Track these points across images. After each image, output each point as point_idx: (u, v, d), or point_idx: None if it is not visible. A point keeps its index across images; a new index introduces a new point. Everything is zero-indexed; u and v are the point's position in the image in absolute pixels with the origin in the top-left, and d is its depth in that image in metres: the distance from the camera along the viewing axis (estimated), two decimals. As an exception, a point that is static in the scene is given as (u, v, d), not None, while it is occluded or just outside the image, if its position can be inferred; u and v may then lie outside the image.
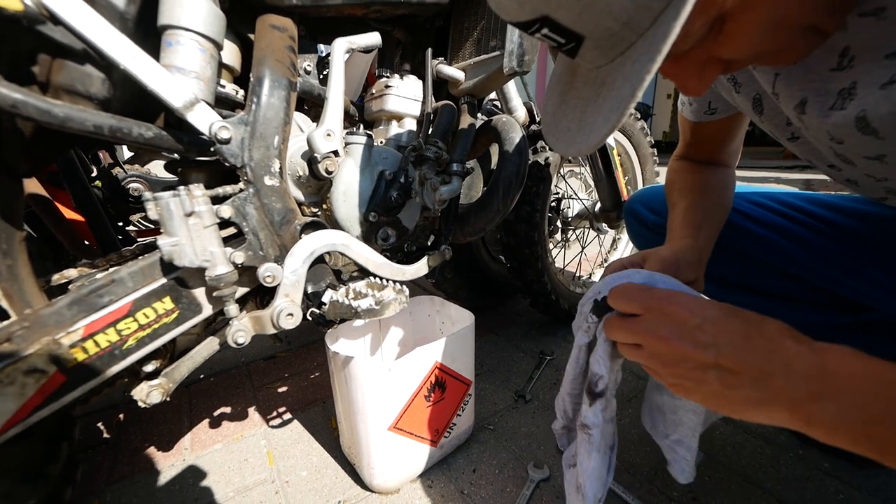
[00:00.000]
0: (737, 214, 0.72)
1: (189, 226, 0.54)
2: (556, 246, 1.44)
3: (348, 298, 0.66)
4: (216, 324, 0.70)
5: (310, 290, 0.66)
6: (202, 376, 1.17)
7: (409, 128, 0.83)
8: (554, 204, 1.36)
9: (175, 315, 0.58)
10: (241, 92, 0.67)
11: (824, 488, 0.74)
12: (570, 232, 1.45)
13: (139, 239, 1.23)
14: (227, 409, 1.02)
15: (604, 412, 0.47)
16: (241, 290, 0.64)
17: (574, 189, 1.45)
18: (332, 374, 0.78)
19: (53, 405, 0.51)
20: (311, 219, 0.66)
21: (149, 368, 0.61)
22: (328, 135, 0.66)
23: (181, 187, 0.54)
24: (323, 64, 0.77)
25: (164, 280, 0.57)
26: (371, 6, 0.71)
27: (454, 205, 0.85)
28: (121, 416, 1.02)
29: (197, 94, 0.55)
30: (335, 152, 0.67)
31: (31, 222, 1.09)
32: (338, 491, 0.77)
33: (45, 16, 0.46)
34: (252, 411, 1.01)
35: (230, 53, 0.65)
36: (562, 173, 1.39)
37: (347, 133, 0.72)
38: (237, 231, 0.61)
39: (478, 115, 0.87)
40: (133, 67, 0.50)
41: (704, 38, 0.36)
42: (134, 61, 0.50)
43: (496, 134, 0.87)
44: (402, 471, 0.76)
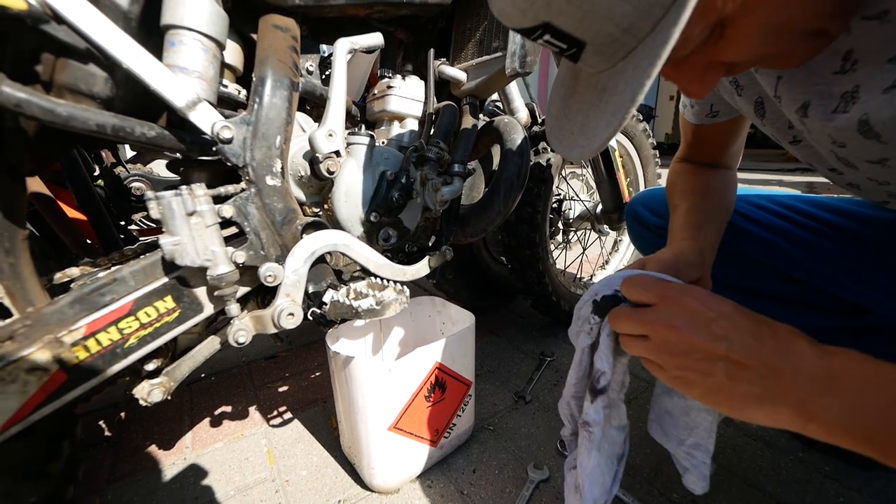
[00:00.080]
0: (738, 217, 0.72)
1: (191, 225, 0.54)
2: (557, 247, 1.44)
3: (349, 298, 0.66)
4: (217, 323, 0.70)
5: (311, 289, 0.66)
6: (203, 375, 1.17)
7: (411, 128, 0.83)
8: (555, 205, 1.36)
9: (176, 314, 0.58)
10: (243, 92, 0.67)
11: (824, 491, 0.74)
12: (572, 233, 1.45)
13: (141, 238, 1.24)
14: (228, 408, 1.03)
15: (605, 410, 0.47)
16: (243, 290, 0.64)
17: (576, 190, 1.45)
18: (333, 373, 0.78)
19: (55, 403, 0.51)
20: (312, 219, 0.66)
21: (150, 367, 0.61)
22: (330, 135, 0.66)
23: (183, 187, 0.54)
24: (325, 64, 0.77)
25: (166, 279, 0.57)
26: (374, 7, 0.71)
27: (455, 205, 0.85)
28: (122, 414, 1.02)
29: (199, 93, 0.55)
30: (337, 152, 0.67)
31: (33, 221, 1.10)
32: (338, 490, 0.77)
33: (49, 15, 0.46)
34: (253, 410, 1.02)
35: (233, 53, 0.65)
36: (563, 175, 1.39)
37: (349, 133, 0.72)
38: (239, 231, 0.61)
39: (480, 115, 0.87)
40: (136, 67, 0.50)
41: (705, 43, 0.36)
42: (137, 61, 0.50)
43: (498, 135, 0.87)
44: (402, 471, 0.76)
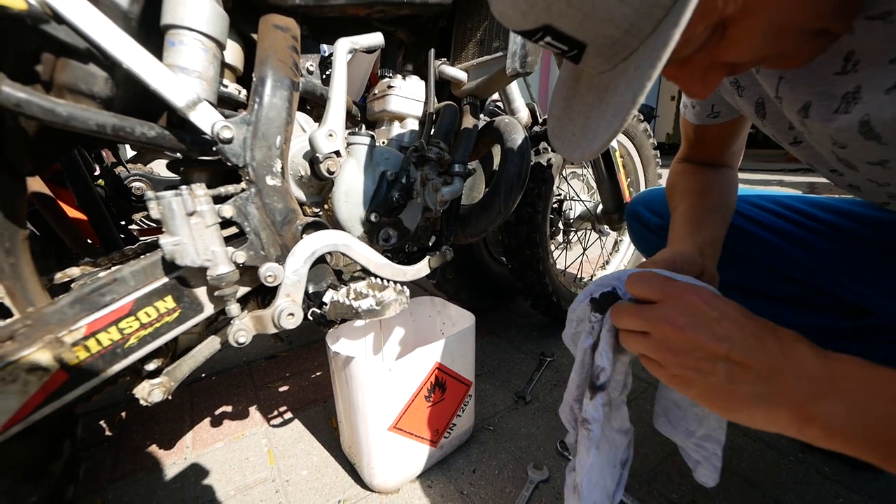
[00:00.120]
0: (739, 217, 0.72)
1: (191, 225, 0.54)
2: (557, 247, 1.44)
3: (349, 299, 0.66)
4: (217, 323, 0.70)
5: (311, 289, 0.66)
6: (203, 375, 1.17)
7: (412, 128, 0.83)
8: (556, 205, 1.36)
9: (177, 314, 0.58)
10: (243, 92, 0.67)
11: (824, 492, 0.74)
12: (572, 233, 1.45)
13: (141, 238, 1.24)
14: (229, 408, 1.03)
15: (605, 407, 0.46)
16: (243, 290, 0.64)
17: (576, 191, 1.45)
18: (333, 373, 0.78)
19: (55, 403, 0.51)
20: (312, 219, 0.66)
21: (150, 367, 0.61)
22: (330, 135, 0.66)
23: (183, 187, 0.54)
24: (325, 64, 0.77)
25: (166, 279, 0.57)
26: (374, 6, 0.71)
27: (456, 206, 0.85)
28: (123, 414, 1.02)
29: (199, 93, 0.55)
30: (337, 152, 0.67)
31: (34, 221, 1.10)
32: (338, 490, 0.77)
33: (49, 15, 0.46)
34: (253, 410, 1.02)
35: (233, 53, 0.65)
36: (564, 175, 1.39)
37: (349, 133, 0.72)
38: (239, 231, 0.61)
39: (480, 115, 0.87)
40: (136, 67, 0.50)
41: (707, 43, 0.36)
42: (137, 61, 0.50)
43: (498, 135, 0.87)
44: (402, 471, 0.76)
